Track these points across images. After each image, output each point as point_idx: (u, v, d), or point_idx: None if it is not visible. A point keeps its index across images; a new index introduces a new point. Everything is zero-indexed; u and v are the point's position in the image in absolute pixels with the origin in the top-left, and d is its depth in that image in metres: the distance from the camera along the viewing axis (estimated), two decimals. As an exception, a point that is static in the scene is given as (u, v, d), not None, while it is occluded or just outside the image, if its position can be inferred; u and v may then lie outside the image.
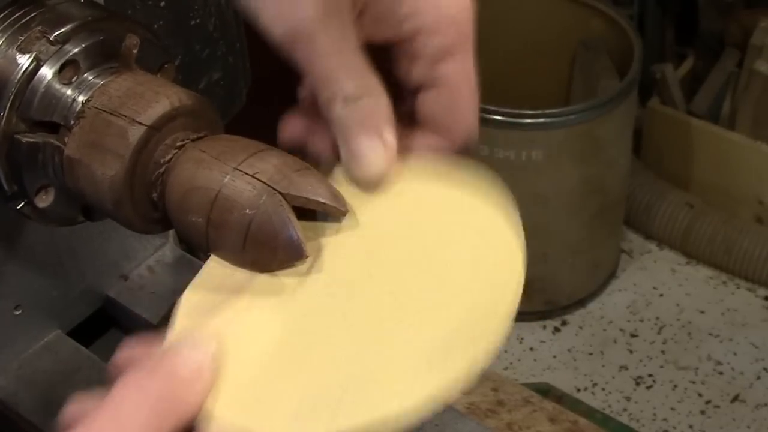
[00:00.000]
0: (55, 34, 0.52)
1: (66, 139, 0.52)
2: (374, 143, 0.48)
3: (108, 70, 0.53)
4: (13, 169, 0.53)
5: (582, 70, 1.89)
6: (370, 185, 0.49)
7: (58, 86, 0.52)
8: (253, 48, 0.75)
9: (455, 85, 0.50)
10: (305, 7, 0.47)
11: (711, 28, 2.04)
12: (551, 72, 1.94)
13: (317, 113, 0.50)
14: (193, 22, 0.71)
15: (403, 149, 0.50)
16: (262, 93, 0.87)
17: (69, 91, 0.52)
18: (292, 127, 0.53)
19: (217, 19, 0.72)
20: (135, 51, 0.54)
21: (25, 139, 0.52)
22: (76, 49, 0.53)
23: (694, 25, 2.08)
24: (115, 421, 0.41)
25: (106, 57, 0.54)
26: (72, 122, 0.52)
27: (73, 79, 0.52)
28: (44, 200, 0.54)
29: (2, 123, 0.52)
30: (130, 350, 0.46)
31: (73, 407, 0.44)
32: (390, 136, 0.49)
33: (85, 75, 0.53)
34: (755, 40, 1.87)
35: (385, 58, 0.50)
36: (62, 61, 0.52)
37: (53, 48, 0.52)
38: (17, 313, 0.67)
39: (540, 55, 1.92)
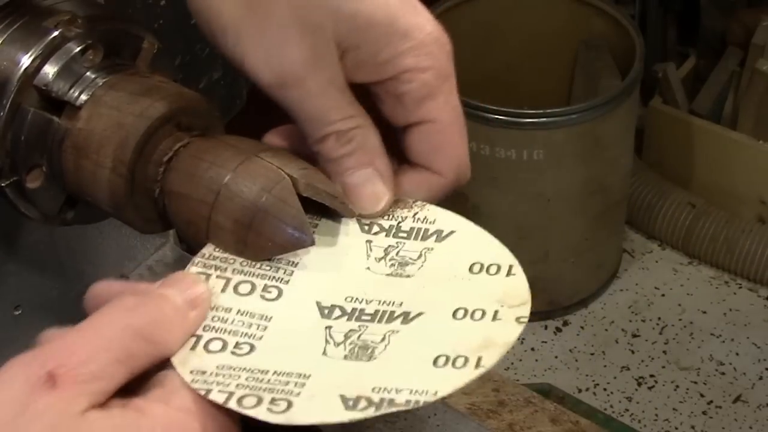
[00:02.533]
0: (80, 19, 0.53)
1: (71, 122, 0.52)
2: (369, 175, 0.50)
3: (117, 66, 0.54)
4: (11, 141, 0.53)
5: (583, 70, 1.88)
6: (371, 216, 0.50)
7: (76, 66, 0.52)
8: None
9: (441, 123, 0.51)
10: (293, 51, 0.48)
11: (713, 27, 2.03)
12: (552, 71, 1.93)
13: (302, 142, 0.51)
14: (193, 21, 0.71)
15: (396, 187, 0.51)
16: (262, 93, 0.87)
17: (88, 73, 0.53)
18: (277, 140, 0.54)
19: (218, 18, 0.72)
20: (151, 54, 0.55)
21: (32, 109, 0.52)
22: (98, 37, 0.53)
23: (696, 24, 2.08)
24: (90, 340, 0.40)
25: (118, 53, 0.54)
26: (80, 104, 0.52)
27: (93, 63, 0.53)
28: (34, 181, 0.54)
29: (16, 86, 0.52)
30: (108, 285, 0.45)
31: (50, 330, 0.43)
32: (384, 166, 0.50)
33: (101, 63, 0.53)
34: (757, 40, 1.87)
35: (369, 96, 0.51)
36: (85, 44, 0.52)
37: (79, 30, 0.53)
38: (17, 313, 0.67)
39: (541, 54, 1.92)
